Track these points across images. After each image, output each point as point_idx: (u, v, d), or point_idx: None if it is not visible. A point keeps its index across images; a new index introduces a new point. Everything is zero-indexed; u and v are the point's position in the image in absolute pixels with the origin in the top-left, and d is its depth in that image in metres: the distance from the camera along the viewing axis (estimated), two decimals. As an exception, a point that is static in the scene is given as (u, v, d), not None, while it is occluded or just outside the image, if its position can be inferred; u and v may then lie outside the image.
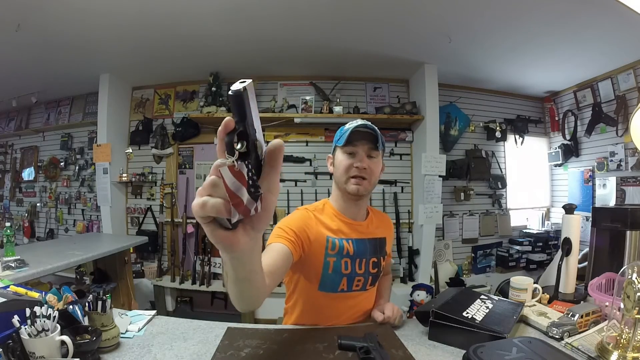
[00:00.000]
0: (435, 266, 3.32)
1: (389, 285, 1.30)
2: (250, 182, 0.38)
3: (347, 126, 1.08)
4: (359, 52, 2.81)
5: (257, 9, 2.17)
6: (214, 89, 3.13)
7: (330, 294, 1.06)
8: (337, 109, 3.10)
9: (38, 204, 4.08)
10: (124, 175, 3.32)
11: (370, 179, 1.07)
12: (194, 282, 3.20)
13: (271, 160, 0.42)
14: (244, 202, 0.38)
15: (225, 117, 0.39)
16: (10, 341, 0.68)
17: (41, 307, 0.74)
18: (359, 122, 1.07)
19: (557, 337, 0.90)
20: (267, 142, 0.42)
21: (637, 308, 0.74)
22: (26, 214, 4.13)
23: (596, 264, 1.34)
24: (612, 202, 3.00)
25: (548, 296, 1.19)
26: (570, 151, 3.52)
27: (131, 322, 1.01)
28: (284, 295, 1.18)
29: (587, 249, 1.43)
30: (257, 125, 0.40)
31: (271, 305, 2.99)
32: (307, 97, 3.20)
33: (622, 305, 0.78)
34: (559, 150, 3.58)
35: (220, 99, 3.14)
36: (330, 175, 1.16)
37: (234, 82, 0.37)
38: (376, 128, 1.07)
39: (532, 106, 3.86)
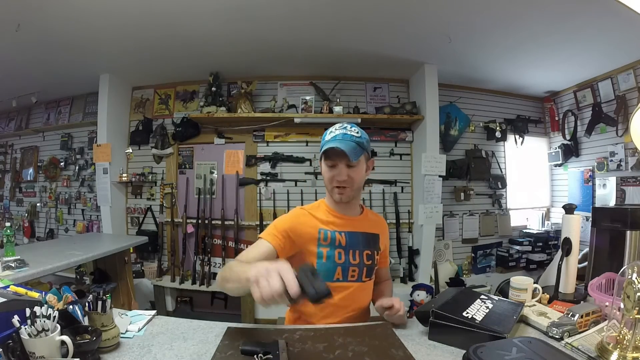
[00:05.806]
0: (435, 266, 3.32)
1: (391, 290, 1.34)
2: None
3: (327, 135, 1.13)
4: (359, 52, 2.81)
5: (257, 9, 2.17)
6: (214, 89, 3.12)
7: (328, 283, 1.07)
8: (337, 109, 3.09)
9: (38, 204, 4.08)
10: (124, 175, 3.32)
11: (352, 186, 1.13)
12: (194, 282, 3.20)
13: None
14: None
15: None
16: (10, 341, 0.68)
17: (41, 307, 0.74)
18: (338, 132, 1.11)
19: (557, 337, 0.90)
20: None
21: (637, 308, 0.74)
22: (26, 214, 4.13)
23: (596, 264, 1.34)
24: (612, 202, 3.00)
25: (548, 296, 1.19)
26: (570, 151, 3.52)
27: (131, 322, 1.01)
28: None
29: (587, 249, 1.43)
30: None
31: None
32: (307, 97, 3.20)
33: (622, 305, 0.78)
34: (559, 150, 3.58)
35: (220, 99, 3.14)
36: None
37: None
38: (352, 140, 1.08)
39: (532, 106, 3.86)
